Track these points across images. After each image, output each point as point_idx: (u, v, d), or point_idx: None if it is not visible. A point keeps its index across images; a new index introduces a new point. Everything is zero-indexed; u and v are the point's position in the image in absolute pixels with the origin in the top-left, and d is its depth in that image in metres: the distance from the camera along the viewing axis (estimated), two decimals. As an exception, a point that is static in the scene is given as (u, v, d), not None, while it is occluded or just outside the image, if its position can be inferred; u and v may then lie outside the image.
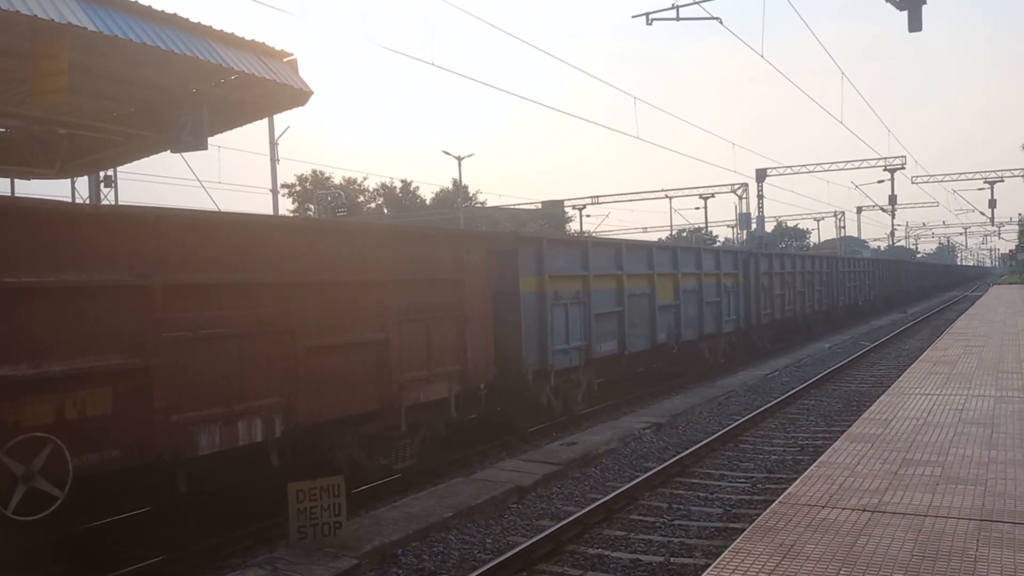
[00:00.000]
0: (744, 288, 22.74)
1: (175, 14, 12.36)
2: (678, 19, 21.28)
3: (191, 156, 16.93)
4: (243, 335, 7.94)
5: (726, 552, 6.09)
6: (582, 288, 14.68)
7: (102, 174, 21.88)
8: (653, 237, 70.87)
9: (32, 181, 18.33)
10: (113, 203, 21.70)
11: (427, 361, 10.51)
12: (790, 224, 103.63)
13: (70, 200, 21.22)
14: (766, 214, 56.99)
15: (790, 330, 28.32)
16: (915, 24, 16.81)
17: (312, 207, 61.87)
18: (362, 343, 9.47)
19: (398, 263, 10.06)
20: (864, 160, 54.51)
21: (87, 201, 21.26)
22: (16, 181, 18.28)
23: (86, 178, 21.55)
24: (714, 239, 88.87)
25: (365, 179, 78.04)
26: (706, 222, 67.59)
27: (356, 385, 9.36)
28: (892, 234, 79.53)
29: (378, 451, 10.27)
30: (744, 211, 55.65)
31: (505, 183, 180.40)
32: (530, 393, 13.50)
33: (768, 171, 54.94)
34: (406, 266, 10.20)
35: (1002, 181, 63.40)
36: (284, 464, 8.68)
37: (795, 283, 27.65)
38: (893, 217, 70.66)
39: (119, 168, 22.00)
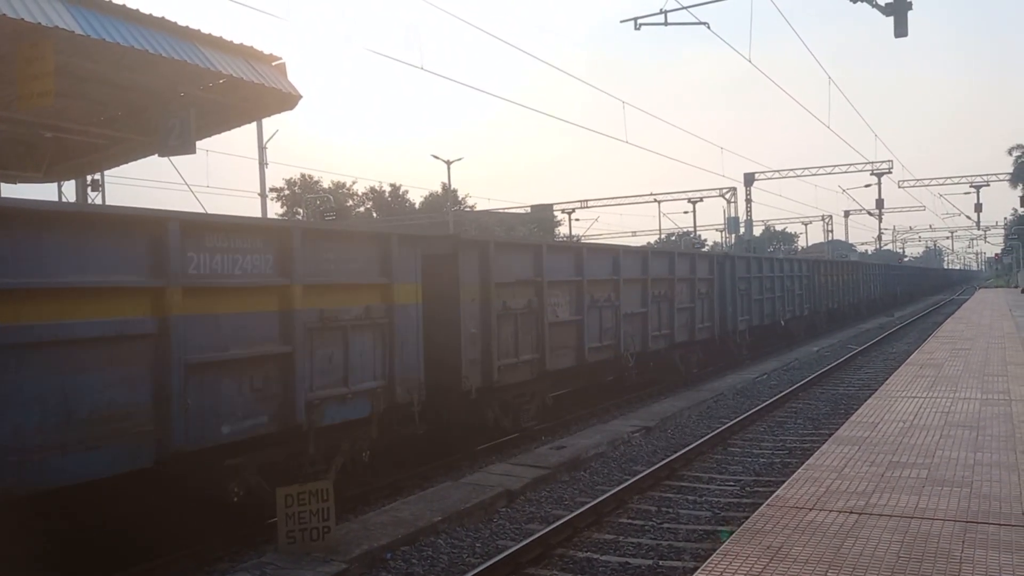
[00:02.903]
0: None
1: (162, 17, 12.34)
2: (666, 24, 21.34)
3: (179, 160, 16.86)
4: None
5: (714, 555, 6.11)
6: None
7: (89, 178, 21.77)
8: (642, 241, 71.12)
9: (18, 185, 18.22)
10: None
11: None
12: (778, 228, 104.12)
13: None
14: (754, 218, 57.30)
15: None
16: (901, 29, 16.93)
17: (301, 211, 61.73)
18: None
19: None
20: (851, 164, 54.89)
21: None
22: (1, 185, 18.16)
23: (72, 182, 21.44)
24: (703, 243, 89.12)
25: (354, 183, 78.08)
26: (695, 226, 67.81)
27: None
28: (879, 238, 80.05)
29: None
30: (732, 215, 55.95)
31: (493, 184, 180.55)
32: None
33: (756, 175, 55.24)
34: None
35: (988, 185, 63.97)
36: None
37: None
38: (880, 221, 71.08)
39: (106, 171, 21.92)
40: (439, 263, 11.56)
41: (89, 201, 21.92)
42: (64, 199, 21.79)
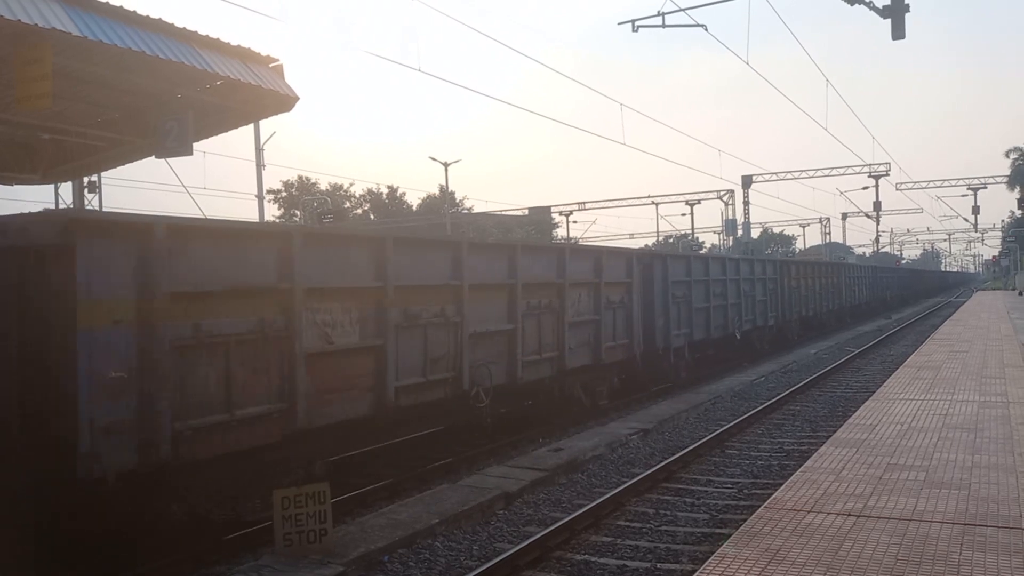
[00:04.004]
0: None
1: (160, 19, 12.33)
2: (664, 26, 21.32)
3: (176, 161, 16.87)
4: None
5: (712, 557, 6.10)
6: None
7: (86, 179, 21.75)
8: (640, 243, 71.10)
9: (15, 187, 18.21)
10: (97, 209, 21.56)
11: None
12: (776, 230, 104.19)
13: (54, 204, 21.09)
14: (752, 220, 57.37)
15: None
16: (898, 32, 16.94)
17: (298, 213, 61.70)
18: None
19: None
20: (849, 167, 55.00)
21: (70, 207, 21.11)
22: (-1, 187, 18.16)
23: (70, 184, 21.43)
24: (700, 245, 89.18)
25: (351, 185, 77.87)
26: (692, 228, 67.87)
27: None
28: (877, 240, 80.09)
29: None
30: (730, 217, 55.98)
31: (490, 187, 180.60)
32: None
33: (754, 177, 55.34)
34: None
35: (985, 188, 64.12)
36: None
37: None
38: (878, 223, 71.34)
39: (104, 173, 21.90)
40: None
41: (86, 204, 21.91)
42: (61, 201, 21.77)
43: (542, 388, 14.30)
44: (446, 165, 51.88)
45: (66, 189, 22.04)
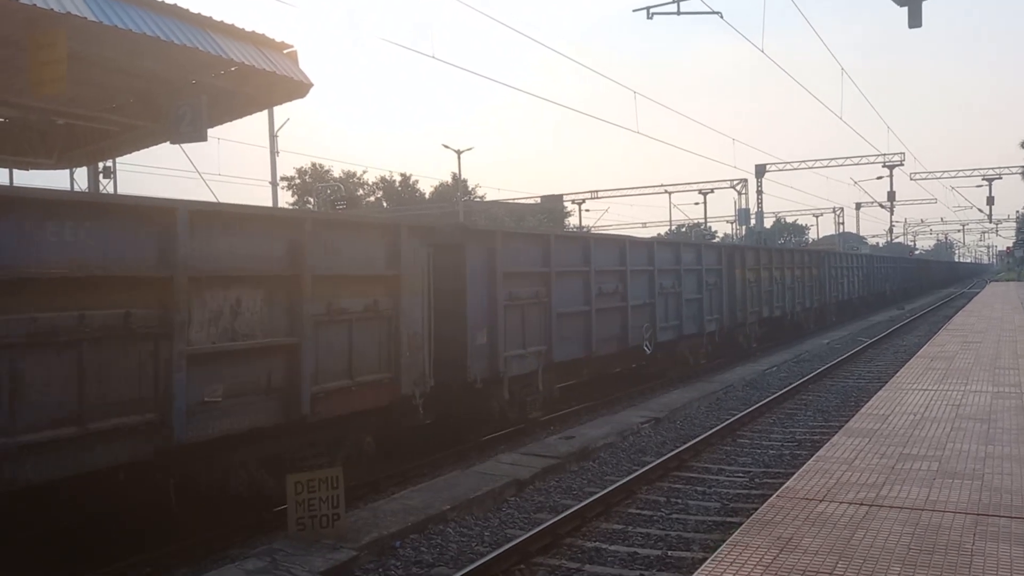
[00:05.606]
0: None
1: (175, 4, 12.35)
2: (679, 13, 21.23)
3: (190, 148, 16.92)
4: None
5: (723, 546, 6.10)
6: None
7: (100, 164, 21.83)
8: (652, 232, 70.97)
9: (30, 172, 18.30)
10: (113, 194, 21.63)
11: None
12: (789, 220, 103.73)
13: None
14: (765, 210, 57.11)
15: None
16: (915, 20, 16.78)
17: (311, 200, 61.81)
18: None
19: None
20: (863, 156, 54.61)
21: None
22: (15, 172, 18.25)
23: (84, 169, 21.52)
24: (713, 234, 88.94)
25: (364, 172, 77.85)
26: (705, 218, 67.67)
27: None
28: (891, 230, 79.65)
29: None
30: (743, 207, 55.73)
31: (503, 174, 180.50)
32: None
33: (767, 167, 55.05)
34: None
35: (1000, 178, 63.42)
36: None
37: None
38: (892, 213, 70.83)
39: (118, 159, 21.98)
40: None
41: (101, 189, 21.99)
42: (76, 186, 21.86)
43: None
44: (459, 153, 51.87)
45: (81, 175, 22.14)
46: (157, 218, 7.31)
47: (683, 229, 74.10)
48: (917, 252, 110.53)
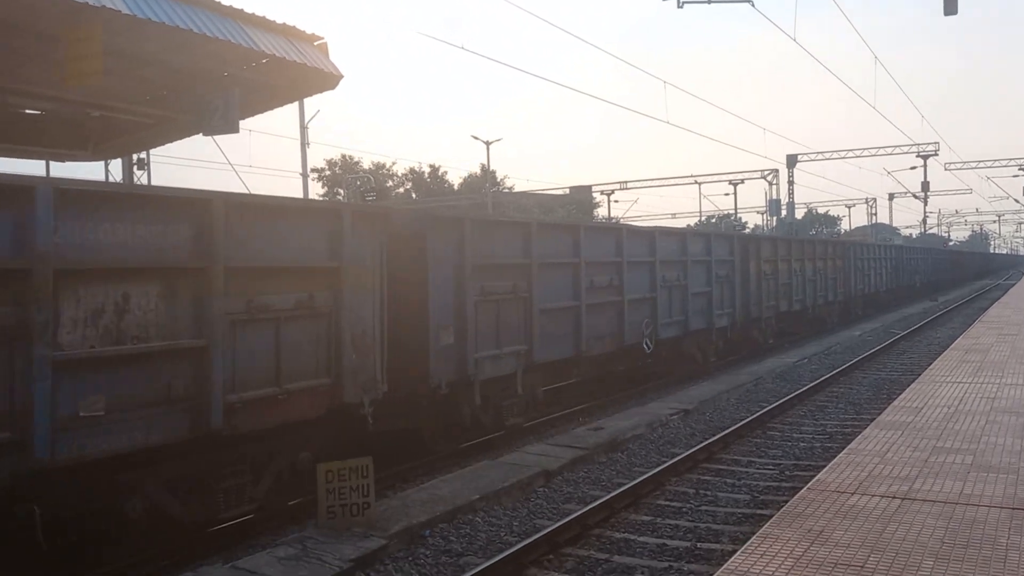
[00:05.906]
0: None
1: (207, -3, 12.44)
2: (709, 2, 21.08)
3: (222, 139, 17.06)
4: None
5: (753, 538, 6.09)
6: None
7: (135, 156, 22.10)
8: (682, 223, 70.55)
9: (66, 163, 18.56)
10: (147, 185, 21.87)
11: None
12: (821, 211, 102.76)
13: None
14: (796, 200, 56.57)
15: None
16: (951, 7, 16.57)
17: (341, 191, 62.16)
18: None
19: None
20: (896, 146, 54.04)
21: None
22: (51, 164, 18.51)
23: (119, 160, 21.79)
24: (744, 225, 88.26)
25: (394, 163, 78.27)
26: (735, 208, 67.07)
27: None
28: (924, 221, 78.57)
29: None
30: (774, 197, 55.26)
31: (531, 165, 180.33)
32: None
33: (799, 157, 54.52)
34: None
35: (1037, 168, 62.32)
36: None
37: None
38: (925, 204, 69.89)
39: (151, 151, 22.24)
40: None
41: (135, 180, 22.27)
42: (111, 178, 22.14)
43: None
44: (488, 144, 51.92)
45: (116, 167, 22.41)
46: (13, 198, 6.12)
47: (713, 220, 73.58)
48: (951, 243, 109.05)
